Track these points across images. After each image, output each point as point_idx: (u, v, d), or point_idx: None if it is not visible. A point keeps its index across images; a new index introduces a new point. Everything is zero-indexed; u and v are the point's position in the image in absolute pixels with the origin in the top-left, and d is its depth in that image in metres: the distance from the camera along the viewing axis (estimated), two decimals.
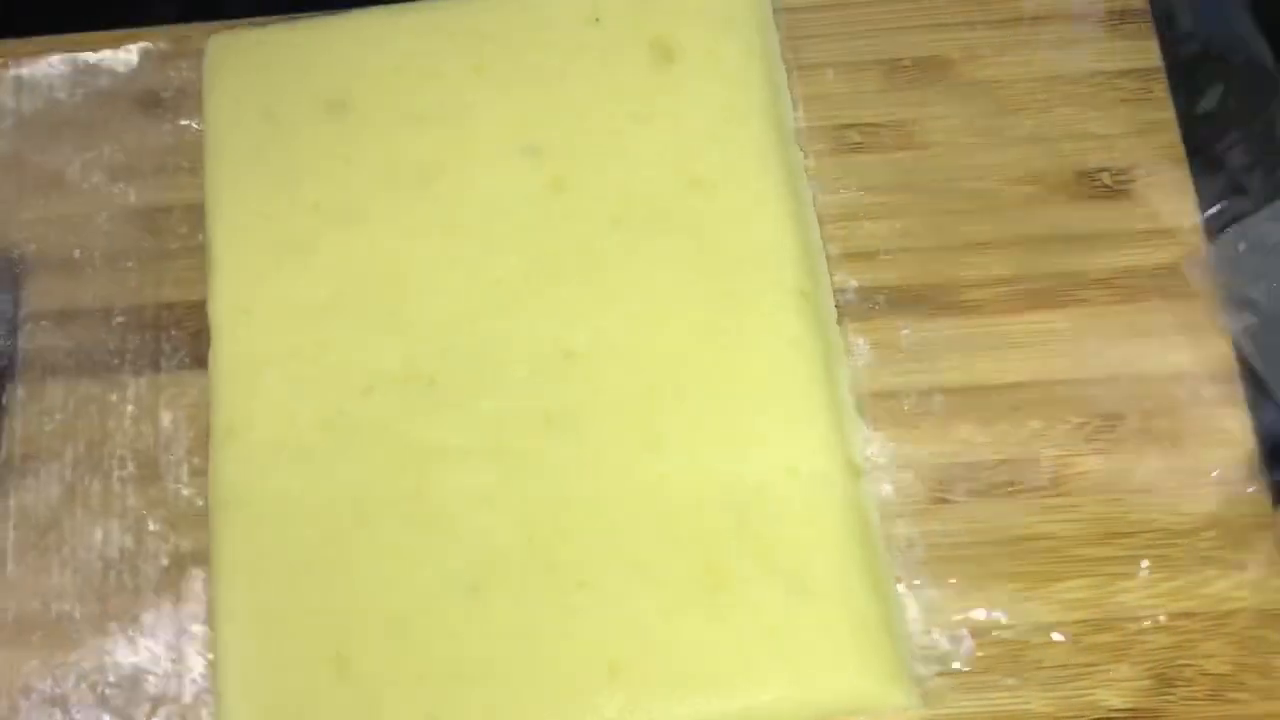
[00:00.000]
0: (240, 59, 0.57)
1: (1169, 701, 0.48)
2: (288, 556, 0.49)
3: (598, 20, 0.57)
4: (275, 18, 0.59)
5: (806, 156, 0.56)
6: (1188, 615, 0.49)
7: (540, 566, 0.48)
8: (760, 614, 0.47)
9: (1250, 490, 0.50)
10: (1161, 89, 0.56)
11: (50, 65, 0.59)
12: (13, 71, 0.59)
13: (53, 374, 0.54)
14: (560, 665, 0.47)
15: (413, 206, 0.54)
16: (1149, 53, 0.57)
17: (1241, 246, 0.52)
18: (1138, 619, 0.49)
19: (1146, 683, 0.48)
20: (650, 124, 0.55)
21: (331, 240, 0.54)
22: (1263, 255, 0.51)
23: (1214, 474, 0.50)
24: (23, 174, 0.57)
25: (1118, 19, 0.57)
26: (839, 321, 0.53)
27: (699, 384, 0.51)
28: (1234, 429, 0.51)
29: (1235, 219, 0.54)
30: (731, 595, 0.47)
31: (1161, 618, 0.49)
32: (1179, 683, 0.48)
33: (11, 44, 0.59)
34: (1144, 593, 0.49)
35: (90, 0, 0.60)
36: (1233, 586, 0.49)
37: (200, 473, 0.52)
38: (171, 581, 0.51)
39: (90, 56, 0.59)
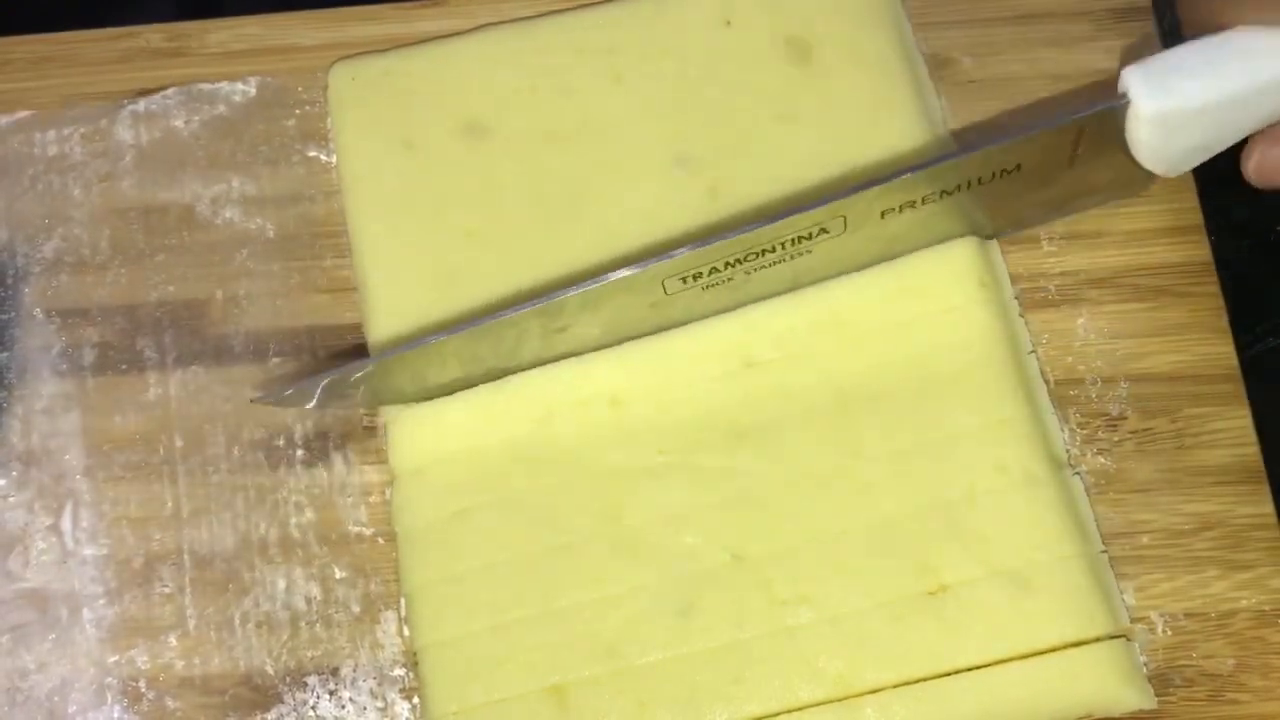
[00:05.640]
0: (369, 88, 0.56)
1: (1169, 702, 0.47)
2: (488, 590, 0.48)
3: (728, 23, 0.56)
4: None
5: None
6: (1188, 615, 0.48)
7: (751, 584, 0.47)
8: (986, 616, 0.46)
9: (1250, 490, 0.50)
10: None
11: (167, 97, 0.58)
12: (129, 108, 0.58)
13: (211, 421, 0.54)
14: (786, 683, 0.46)
15: (568, 227, 0.53)
16: (1151, 51, 0.56)
17: None
18: (1138, 619, 0.48)
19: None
20: (798, 123, 0.54)
21: (490, 267, 0.53)
22: None
23: (1214, 474, 0.50)
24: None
25: (1119, 17, 0.57)
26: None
27: (891, 384, 0.50)
28: (1234, 429, 0.51)
29: None
30: (955, 599, 0.46)
31: (1162, 618, 0.48)
32: (1179, 683, 0.48)
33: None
34: (1144, 593, 0.49)
35: None
36: (1233, 586, 0.49)
37: (379, 513, 0.52)
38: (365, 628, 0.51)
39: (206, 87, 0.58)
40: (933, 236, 0.51)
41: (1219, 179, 0.56)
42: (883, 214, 0.48)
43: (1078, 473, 0.50)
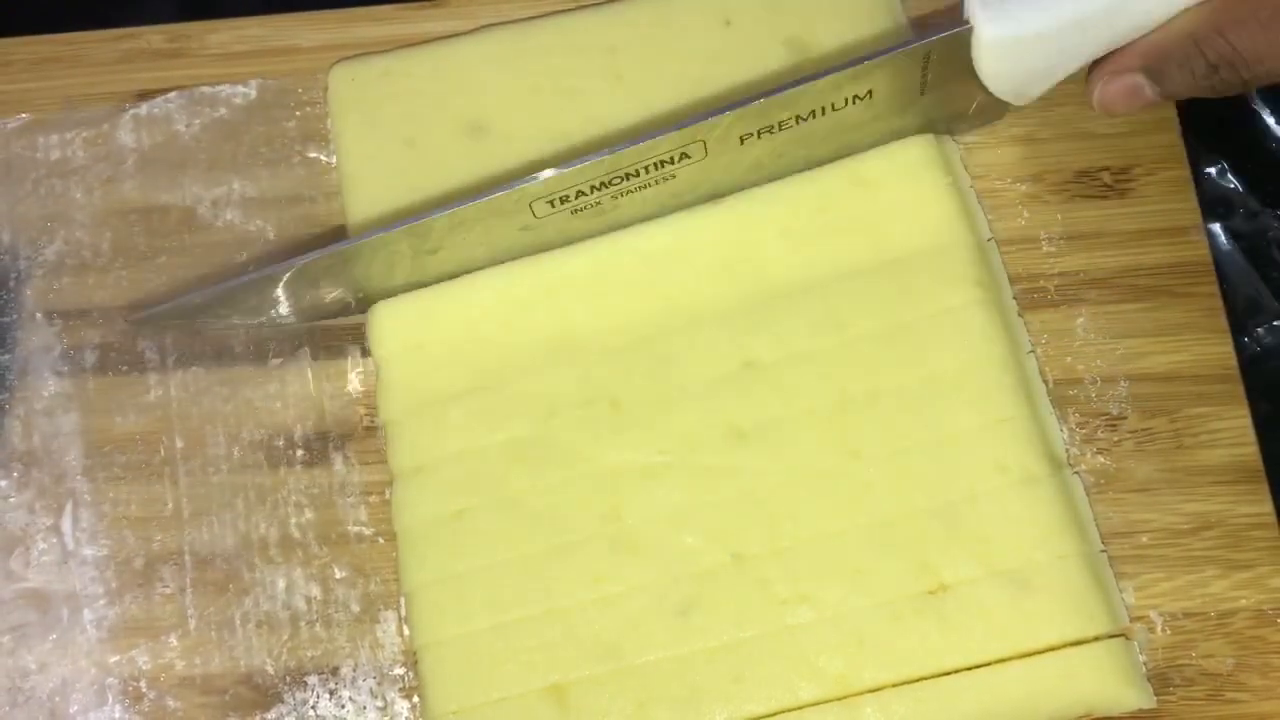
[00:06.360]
0: (369, 89, 0.56)
1: (1168, 701, 0.48)
2: (488, 590, 0.49)
3: (728, 23, 0.56)
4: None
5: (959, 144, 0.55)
6: (1187, 615, 0.48)
7: (751, 583, 0.48)
8: (986, 615, 0.46)
9: (1249, 490, 0.50)
10: None
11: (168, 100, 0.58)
12: (130, 111, 0.58)
13: (212, 422, 0.54)
14: (786, 682, 0.46)
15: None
16: None
17: None
18: (1137, 618, 0.48)
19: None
20: None
21: (492, 267, 0.53)
22: None
23: (1213, 474, 0.50)
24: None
25: None
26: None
27: (891, 384, 0.50)
28: (1233, 429, 0.51)
29: None
30: (955, 598, 0.47)
31: (1161, 618, 0.48)
32: (1178, 682, 0.48)
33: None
34: (1144, 592, 0.49)
35: None
36: (1232, 586, 0.49)
37: (379, 513, 0.52)
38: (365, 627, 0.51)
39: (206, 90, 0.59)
40: (804, 163, 0.52)
41: (1218, 179, 0.56)
42: (741, 139, 0.49)
43: (1077, 472, 0.50)
